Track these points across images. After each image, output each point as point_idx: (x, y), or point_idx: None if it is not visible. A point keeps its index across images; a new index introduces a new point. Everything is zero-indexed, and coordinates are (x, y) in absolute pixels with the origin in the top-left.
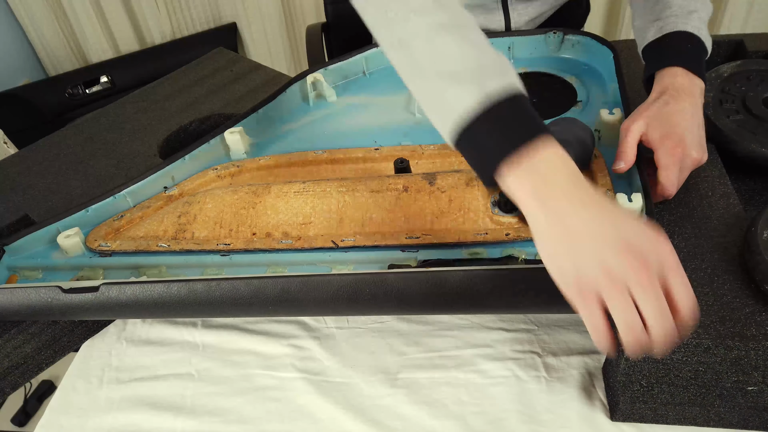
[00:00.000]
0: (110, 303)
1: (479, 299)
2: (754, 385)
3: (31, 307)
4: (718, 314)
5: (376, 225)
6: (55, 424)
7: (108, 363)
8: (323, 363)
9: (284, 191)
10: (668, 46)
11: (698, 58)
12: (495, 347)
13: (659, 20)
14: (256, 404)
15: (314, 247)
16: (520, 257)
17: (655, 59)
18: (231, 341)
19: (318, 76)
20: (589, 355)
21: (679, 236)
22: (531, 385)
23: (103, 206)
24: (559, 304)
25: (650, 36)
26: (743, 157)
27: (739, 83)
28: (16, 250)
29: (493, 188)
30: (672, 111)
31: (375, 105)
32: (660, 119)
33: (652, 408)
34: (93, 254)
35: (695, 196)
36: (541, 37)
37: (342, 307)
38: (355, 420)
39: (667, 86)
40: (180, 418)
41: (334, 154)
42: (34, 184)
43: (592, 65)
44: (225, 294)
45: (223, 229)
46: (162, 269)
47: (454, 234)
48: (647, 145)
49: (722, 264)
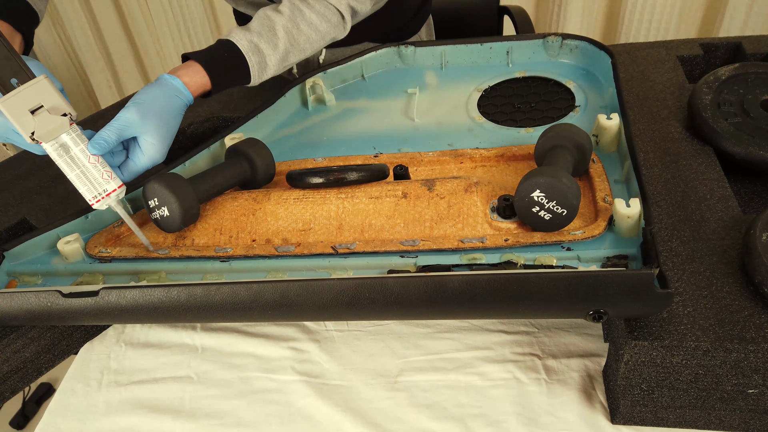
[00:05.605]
0: (110, 308)
1: (478, 304)
2: (754, 387)
3: (31, 311)
4: (717, 317)
5: (376, 231)
6: (54, 427)
7: (107, 366)
8: (323, 366)
9: (284, 198)
10: None
11: None
12: (495, 350)
13: None
14: (255, 407)
15: (314, 254)
16: (518, 262)
17: None
18: (230, 344)
19: (317, 79)
20: (589, 358)
21: (677, 239)
22: (531, 387)
23: (103, 212)
24: (558, 309)
25: None
26: (741, 159)
27: (738, 86)
28: (16, 256)
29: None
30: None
31: (374, 110)
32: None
33: (652, 411)
34: (93, 260)
35: (694, 199)
36: (539, 41)
37: (341, 312)
38: (354, 423)
39: None
40: (179, 421)
41: (334, 161)
42: (33, 188)
43: (590, 70)
44: (225, 299)
45: (222, 235)
46: (162, 275)
47: (453, 240)
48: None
49: (721, 267)
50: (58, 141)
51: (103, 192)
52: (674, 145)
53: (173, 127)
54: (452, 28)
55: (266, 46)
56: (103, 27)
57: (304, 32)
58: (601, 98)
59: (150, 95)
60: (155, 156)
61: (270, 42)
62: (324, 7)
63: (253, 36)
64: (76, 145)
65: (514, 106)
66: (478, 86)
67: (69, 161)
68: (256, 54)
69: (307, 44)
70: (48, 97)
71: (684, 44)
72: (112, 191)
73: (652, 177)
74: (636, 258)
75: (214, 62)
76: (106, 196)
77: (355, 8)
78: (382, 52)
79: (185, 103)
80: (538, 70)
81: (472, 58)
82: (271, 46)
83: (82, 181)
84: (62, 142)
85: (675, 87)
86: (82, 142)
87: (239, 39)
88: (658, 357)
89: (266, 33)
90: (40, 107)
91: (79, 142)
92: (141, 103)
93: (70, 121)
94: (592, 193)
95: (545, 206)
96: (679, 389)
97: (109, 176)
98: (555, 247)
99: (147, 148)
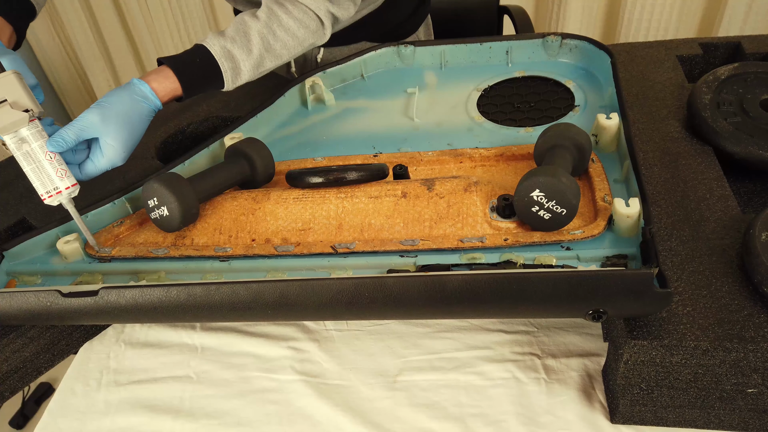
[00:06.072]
0: (109, 307)
1: (478, 304)
2: (753, 387)
3: (30, 311)
4: (717, 316)
5: (375, 231)
6: (54, 426)
7: (106, 366)
8: (322, 365)
9: (283, 197)
10: None
11: None
12: (494, 349)
13: None
14: (255, 406)
15: (313, 253)
16: (518, 262)
17: None
18: (230, 344)
19: (317, 79)
20: (588, 358)
21: (677, 239)
22: (530, 387)
23: (102, 212)
24: (557, 309)
25: None
26: (741, 159)
27: (737, 86)
28: (16, 255)
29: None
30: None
31: (373, 109)
32: None
33: (652, 410)
34: (92, 260)
35: (693, 198)
36: (539, 41)
37: (341, 312)
38: (354, 422)
39: None
40: (178, 421)
41: (333, 160)
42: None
43: (589, 69)
44: (224, 298)
45: (222, 235)
46: (161, 275)
47: (453, 239)
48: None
49: (720, 266)
50: (18, 135)
51: (55, 189)
52: (674, 145)
53: (137, 131)
54: (452, 27)
55: (239, 51)
56: (103, 27)
57: (280, 38)
58: (600, 98)
59: (115, 98)
60: (114, 159)
61: (244, 47)
62: (302, 13)
63: (226, 42)
64: (35, 141)
65: (514, 106)
66: (477, 86)
67: (26, 155)
68: (229, 60)
69: (284, 50)
70: (12, 92)
71: (683, 44)
72: (65, 188)
73: (651, 176)
74: (635, 257)
75: (185, 67)
76: (57, 194)
77: (335, 14)
78: (381, 51)
79: (152, 109)
80: (538, 70)
81: (471, 57)
82: (245, 51)
83: (37, 175)
84: (21, 136)
85: (674, 87)
86: (42, 138)
87: (212, 45)
88: (658, 356)
89: (240, 38)
90: (4, 101)
91: (38, 138)
92: (105, 106)
93: (31, 117)
94: (591, 192)
95: (545, 206)
96: (678, 389)
97: (63, 174)
98: (554, 247)
99: (107, 150)
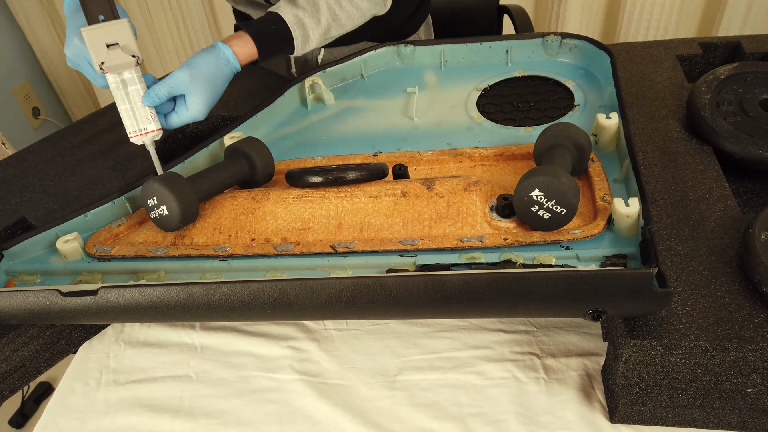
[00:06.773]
0: (109, 306)
1: (477, 303)
2: (753, 387)
3: (30, 310)
4: (716, 316)
5: (375, 230)
6: (53, 426)
7: (106, 365)
8: (322, 365)
9: (283, 197)
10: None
11: None
12: (494, 349)
13: None
14: (255, 406)
15: (313, 253)
16: (517, 261)
17: None
18: (229, 343)
19: (316, 78)
20: (588, 357)
21: (676, 239)
22: (530, 386)
23: (102, 211)
24: (557, 308)
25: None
26: (740, 159)
27: (737, 85)
28: (15, 255)
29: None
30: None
31: (373, 109)
32: None
33: (651, 410)
34: (92, 259)
35: (692, 198)
36: (538, 40)
37: (341, 311)
38: (353, 422)
39: None
40: (178, 420)
41: (333, 160)
42: (31, 186)
43: (589, 69)
44: (224, 298)
45: (222, 234)
46: (161, 274)
47: (452, 239)
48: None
49: (720, 266)
50: (121, 77)
51: (143, 129)
52: (673, 145)
53: (218, 91)
54: (452, 27)
55: (310, 20)
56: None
57: (345, 9)
58: (600, 97)
59: (202, 60)
60: (197, 114)
61: (314, 17)
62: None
63: (298, 11)
64: (134, 85)
65: (514, 106)
66: (477, 85)
67: (125, 96)
68: (300, 28)
69: (348, 21)
70: (124, 38)
71: (683, 43)
72: (150, 131)
73: (651, 176)
74: (635, 257)
75: (261, 34)
76: (143, 134)
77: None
78: (381, 51)
79: (233, 71)
80: (538, 70)
81: (471, 57)
82: (315, 20)
83: (129, 115)
84: (124, 78)
85: (674, 86)
86: (140, 83)
87: (286, 13)
88: (657, 356)
89: (310, 8)
90: (116, 44)
91: (137, 82)
92: (193, 66)
93: (136, 62)
94: (591, 192)
95: (544, 205)
96: (677, 388)
97: (152, 117)
98: (554, 247)
99: (191, 106)
